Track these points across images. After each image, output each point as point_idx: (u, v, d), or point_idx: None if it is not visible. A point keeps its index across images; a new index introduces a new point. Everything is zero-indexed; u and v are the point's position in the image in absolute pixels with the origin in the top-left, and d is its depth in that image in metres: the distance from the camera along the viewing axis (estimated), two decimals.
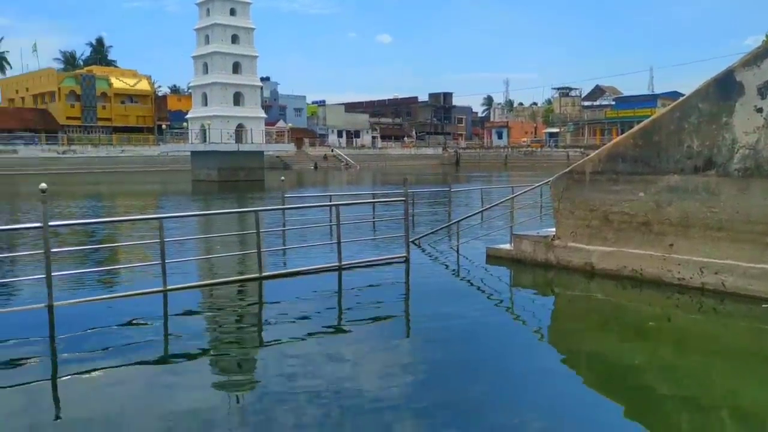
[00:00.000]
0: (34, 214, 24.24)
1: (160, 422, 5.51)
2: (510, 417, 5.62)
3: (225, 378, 6.78)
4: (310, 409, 5.66)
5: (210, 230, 17.99)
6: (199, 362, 7.19)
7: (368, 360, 7.20)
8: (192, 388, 6.41)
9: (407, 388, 6.23)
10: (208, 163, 49.76)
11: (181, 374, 6.82)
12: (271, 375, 6.72)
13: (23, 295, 9.84)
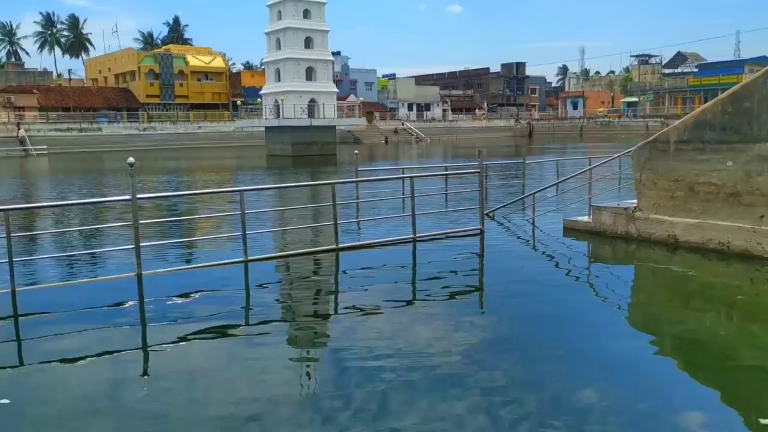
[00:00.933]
0: (118, 189, 25.34)
1: (240, 390, 5.63)
2: (590, 397, 5.48)
3: (301, 348, 6.92)
4: (382, 381, 5.68)
5: (285, 203, 18.35)
6: (276, 332, 7.36)
7: (442, 333, 7.14)
8: (270, 357, 6.55)
9: (481, 364, 6.13)
10: (282, 138, 50.56)
11: (259, 344, 6.98)
12: (345, 346, 6.77)
13: (114, 264, 10.30)
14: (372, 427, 4.81)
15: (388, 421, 4.92)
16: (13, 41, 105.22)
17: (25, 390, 5.62)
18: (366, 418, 4.97)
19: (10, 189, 28.10)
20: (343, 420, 4.91)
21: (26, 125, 64.26)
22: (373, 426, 4.82)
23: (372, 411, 5.10)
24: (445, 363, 6.13)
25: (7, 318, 7.70)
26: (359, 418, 4.96)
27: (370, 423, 4.88)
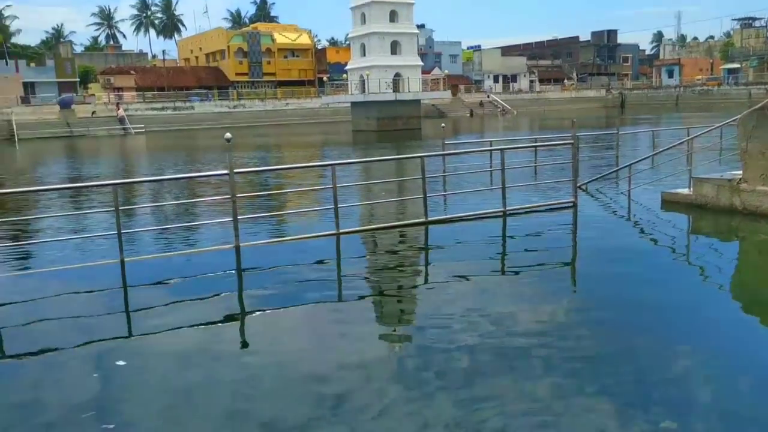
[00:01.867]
0: (209, 165, 26.27)
1: (327, 362, 5.69)
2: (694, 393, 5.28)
3: (389, 321, 6.95)
4: (468, 354, 5.65)
5: (371, 178, 18.49)
6: (366, 304, 7.46)
7: (530, 310, 6.99)
8: (358, 330, 6.62)
9: (570, 343, 5.93)
10: (368, 113, 50.80)
11: (349, 316, 7.10)
12: (432, 320, 6.75)
13: (213, 236, 10.71)
14: (456, 400, 4.80)
15: (472, 393, 4.89)
16: (111, 24, 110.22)
17: (135, 353, 5.96)
18: (450, 390, 4.96)
19: (114, 165, 29.65)
20: (428, 392, 4.93)
21: (125, 105, 67.39)
22: (457, 399, 4.81)
23: (456, 384, 5.09)
24: (533, 340, 5.99)
25: (118, 288, 8.16)
26: (443, 391, 4.96)
27: (455, 396, 4.86)
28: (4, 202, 16.18)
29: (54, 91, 70.79)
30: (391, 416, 4.59)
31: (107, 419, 4.57)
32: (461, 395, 4.86)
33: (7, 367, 5.82)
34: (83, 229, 12.33)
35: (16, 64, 72.97)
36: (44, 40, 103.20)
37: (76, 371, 5.60)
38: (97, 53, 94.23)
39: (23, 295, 7.84)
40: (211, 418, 4.68)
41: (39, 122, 60.44)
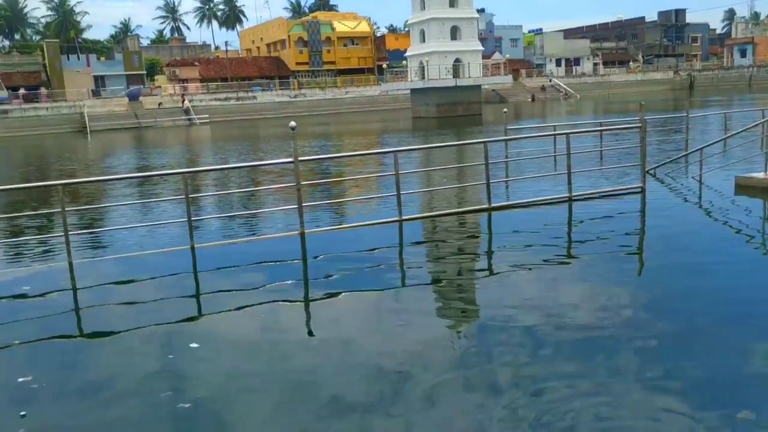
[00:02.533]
0: (271, 154, 26.68)
1: (388, 348, 5.71)
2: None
3: (450, 307, 6.92)
4: (531, 343, 5.57)
5: (432, 164, 18.44)
6: (428, 290, 7.45)
7: (594, 299, 6.80)
8: (420, 316, 6.61)
9: (635, 334, 5.72)
10: (427, 100, 50.60)
11: (412, 301, 7.11)
12: (494, 306, 6.69)
13: (278, 223, 10.92)
14: (517, 386, 4.76)
15: (534, 382, 4.83)
16: (175, 17, 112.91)
17: (207, 336, 6.14)
18: (511, 378, 4.91)
19: (181, 155, 30.49)
20: (489, 380, 4.89)
21: (190, 96, 69.08)
22: (518, 385, 4.77)
23: (518, 371, 5.04)
24: (598, 330, 5.84)
25: (188, 273, 8.42)
26: (504, 378, 4.92)
27: (515, 384, 4.82)
28: (79, 192, 16.87)
29: (122, 83, 73.19)
30: (450, 403, 4.59)
31: (183, 398, 4.74)
32: (522, 383, 4.81)
33: (88, 348, 6.09)
34: (154, 216, 12.75)
35: (87, 58, 75.74)
36: (113, 34, 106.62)
37: (152, 353, 5.83)
38: (162, 46, 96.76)
39: (100, 280, 8.16)
40: (278, 398, 4.80)
41: (109, 114, 62.65)
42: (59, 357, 5.85)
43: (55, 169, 27.19)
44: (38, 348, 6.06)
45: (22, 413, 4.59)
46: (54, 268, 8.88)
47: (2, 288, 7.81)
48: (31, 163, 32.07)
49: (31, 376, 5.22)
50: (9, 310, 7.10)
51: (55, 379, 5.30)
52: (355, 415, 4.46)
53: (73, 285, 8.03)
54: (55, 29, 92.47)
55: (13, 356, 5.81)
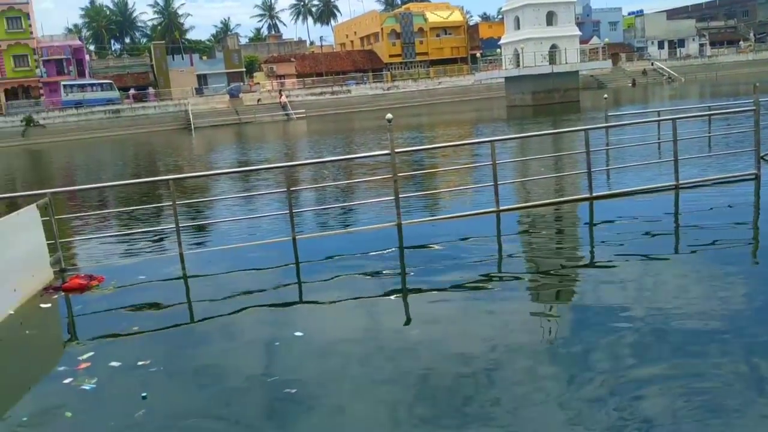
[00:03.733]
0: (365, 146, 26.98)
1: (479, 341, 5.62)
2: None
3: (544, 301, 6.75)
4: (632, 339, 5.34)
5: (527, 154, 18.10)
6: (528, 281, 7.32)
7: (701, 293, 6.42)
8: (513, 308, 6.47)
9: (752, 327, 5.41)
10: (522, 88, 49.67)
11: (511, 293, 7.01)
12: (592, 300, 6.47)
13: (375, 215, 11.06)
14: (613, 383, 4.59)
15: (635, 381, 4.62)
16: (272, 15, 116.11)
17: (310, 325, 6.32)
18: (610, 375, 4.73)
19: (279, 150, 31.40)
20: (586, 377, 4.74)
21: (286, 92, 70.93)
22: (617, 384, 4.58)
23: (617, 369, 4.84)
24: (705, 326, 5.54)
25: (290, 263, 8.68)
26: (602, 375, 4.74)
27: (614, 381, 4.63)
28: (186, 185, 17.71)
29: (223, 81, 76.08)
30: (546, 402, 4.49)
31: (289, 385, 4.90)
32: (622, 381, 4.62)
33: (199, 334, 6.40)
34: (256, 209, 13.21)
35: (191, 58, 79.27)
36: (213, 34, 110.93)
37: (259, 340, 6.06)
38: (260, 43, 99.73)
39: (208, 269, 8.56)
40: (375, 389, 4.89)
41: (211, 111, 65.33)
42: (173, 342, 6.18)
43: (163, 165, 28.67)
44: (154, 334, 6.43)
45: (144, 394, 4.90)
46: (166, 258, 9.38)
47: (120, 277, 8.32)
48: (141, 159, 33.97)
49: (149, 359, 5.55)
50: (128, 298, 7.56)
51: (170, 363, 5.60)
52: (449, 410, 4.46)
53: (184, 274, 8.45)
54: (161, 31, 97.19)
55: (133, 341, 6.19)
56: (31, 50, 71.33)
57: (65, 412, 4.75)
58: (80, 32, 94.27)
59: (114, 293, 7.73)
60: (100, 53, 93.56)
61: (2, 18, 70.21)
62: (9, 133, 59.61)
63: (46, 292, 7.84)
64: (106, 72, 77.42)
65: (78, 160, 37.48)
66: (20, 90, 71.17)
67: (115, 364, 5.52)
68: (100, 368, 5.47)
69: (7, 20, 70.48)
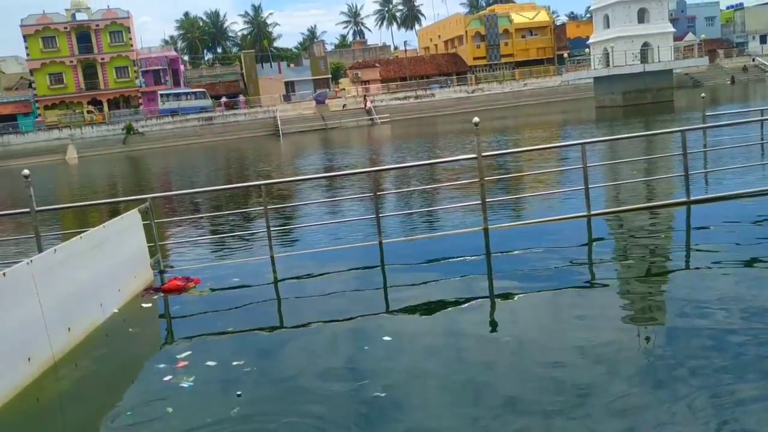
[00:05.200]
0: (448, 150, 26.88)
1: (566, 347, 5.52)
2: None
3: (635, 307, 6.50)
4: (725, 350, 5.07)
5: (618, 156, 17.54)
6: (612, 289, 7.08)
7: None
8: (601, 315, 6.28)
9: None
10: (612, 88, 48.18)
11: (594, 300, 6.81)
12: (688, 309, 6.14)
13: (460, 219, 11.01)
14: (707, 398, 4.37)
15: (728, 390, 4.41)
16: (357, 21, 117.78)
17: (397, 329, 6.35)
18: (700, 389, 4.51)
19: (365, 154, 31.77)
20: (676, 389, 4.53)
21: (371, 97, 71.67)
22: (708, 398, 4.37)
23: (707, 382, 4.61)
24: None
25: (376, 267, 8.76)
26: (692, 388, 4.52)
27: (705, 394, 4.42)
28: (275, 190, 18.20)
29: (310, 88, 77.74)
30: (633, 412, 4.33)
31: (378, 388, 4.95)
32: (720, 396, 4.40)
33: (290, 336, 6.56)
34: (342, 213, 13.42)
35: (279, 66, 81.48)
36: (300, 42, 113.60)
37: (348, 343, 6.15)
38: (345, 50, 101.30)
39: (297, 272, 8.76)
40: (463, 393, 4.87)
41: (298, 117, 66.84)
42: (265, 343, 6.36)
43: (253, 170, 29.57)
44: (247, 334, 6.64)
45: (238, 393, 5.07)
46: (257, 261, 9.66)
47: (215, 279, 8.64)
48: (232, 164, 35.16)
49: (243, 360, 5.73)
50: (222, 300, 7.85)
51: (263, 364, 5.77)
52: (532, 418, 4.38)
53: (275, 277, 8.69)
54: (251, 41, 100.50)
55: (228, 341, 6.42)
56: (131, 62, 75.26)
57: (167, 408, 4.98)
58: (176, 43, 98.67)
59: (209, 295, 8.04)
60: (194, 63, 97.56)
61: (106, 32, 74.44)
62: (111, 141, 63.13)
63: (146, 293, 8.24)
64: (200, 81, 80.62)
65: (173, 166, 39.23)
66: (121, 100, 75.21)
67: (211, 364, 5.74)
68: (197, 367, 5.70)
69: (110, 34, 74.67)
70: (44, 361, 5.84)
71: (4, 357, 5.29)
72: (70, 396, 5.67)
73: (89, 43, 74.09)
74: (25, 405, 5.29)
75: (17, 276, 5.69)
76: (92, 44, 74.12)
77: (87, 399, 5.59)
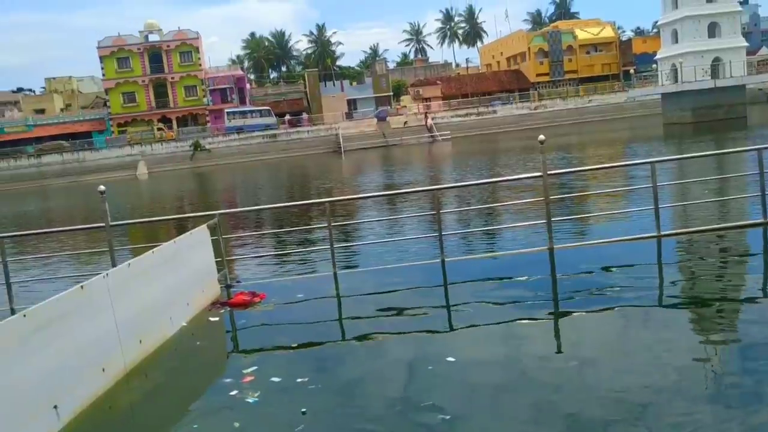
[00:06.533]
0: (509, 168, 26.60)
1: (635, 372, 5.37)
2: None
3: (706, 333, 6.28)
4: None
5: (686, 176, 17.00)
6: (687, 311, 6.86)
7: None
8: (672, 340, 6.07)
9: None
10: (681, 104, 46.84)
11: (665, 324, 6.57)
12: (760, 335, 5.91)
13: (524, 238, 10.86)
14: None
15: None
16: (419, 39, 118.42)
17: (461, 349, 6.28)
18: None
19: (426, 171, 31.78)
20: (747, 418, 4.32)
21: (432, 114, 71.76)
22: None
23: None
24: None
25: (439, 285, 8.71)
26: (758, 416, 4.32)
27: None
28: (338, 207, 18.38)
29: (371, 105, 78.50)
30: None
31: (443, 410, 4.91)
32: None
33: (353, 353, 6.57)
34: (403, 230, 13.44)
35: (341, 84, 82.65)
36: (362, 60, 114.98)
37: (412, 362, 6.11)
38: (407, 67, 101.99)
39: (359, 290, 8.80)
40: (527, 417, 4.79)
41: (360, 134, 67.46)
42: (330, 360, 6.39)
43: (315, 187, 29.99)
44: (312, 350, 6.70)
45: (303, 410, 5.11)
46: (320, 277, 9.76)
47: (280, 294, 8.77)
48: (295, 181, 35.75)
49: (307, 377, 5.78)
50: (287, 315, 7.96)
51: (327, 381, 5.79)
52: None
53: (338, 293, 8.75)
54: (315, 59, 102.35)
55: (292, 357, 6.50)
56: (200, 81, 77.74)
57: (233, 422, 5.06)
58: (242, 63, 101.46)
59: (274, 310, 8.16)
60: (259, 82, 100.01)
61: (176, 53, 77.22)
62: (180, 157, 65.16)
63: (213, 307, 8.43)
64: (264, 99, 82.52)
65: (238, 182, 40.16)
66: (189, 117, 77.68)
67: (276, 379, 5.81)
68: (262, 382, 5.78)
69: (180, 55, 77.41)
70: (117, 372, 6.04)
71: (81, 367, 5.50)
72: (141, 406, 5.83)
73: (160, 63, 77.01)
74: (99, 413, 5.47)
75: (94, 289, 5.92)
76: (163, 64, 77.00)
77: (156, 410, 5.74)
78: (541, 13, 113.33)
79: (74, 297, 5.63)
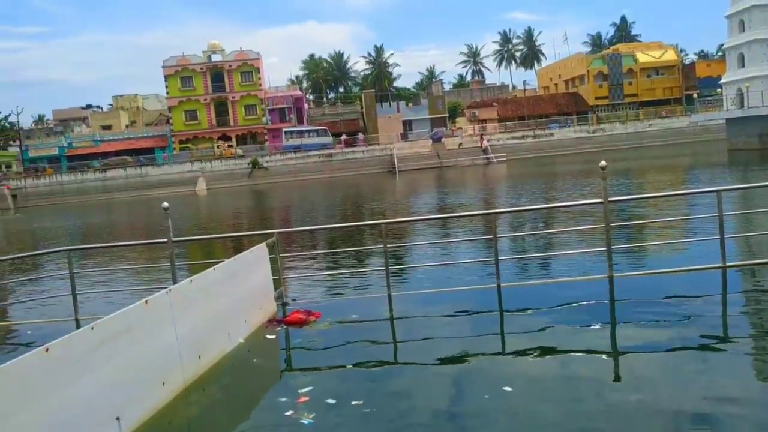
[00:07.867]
0: (567, 192, 26.19)
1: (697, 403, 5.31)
2: None
3: (753, 366, 6.10)
4: None
5: (753, 204, 16.41)
6: (748, 349, 6.60)
7: None
8: (718, 371, 5.96)
9: None
10: (746, 130, 45.42)
11: (727, 358, 6.36)
12: None
13: (581, 265, 10.66)
14: None
15: None
16: (476, 61, 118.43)
17: (516, 380, 6.19)
18: None
19: (479, 194, 31.59)
20: None
21: (488, 136, 71.47)
22: None
23: None
24: None
25: (494, 311, 8.62)
26: None
27: None
28: (389, 230, 18.43)
29: (426, 126, 78.71)
30: None
31: None
32: None
33: (407, 379, 6.53)
34: (456, 254, 13.36)
35: (398, 105, 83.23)
36: (418, 81, 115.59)
37: (467, 390, 6.06)
38: (463, 89, 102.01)
39: (414, 312, 8.80)
40: None
41: (414, 155, 67.64)
42: (384, 384, 6.38)
43: (368, 207, 30.14)
44: (366, 372, 6.71)
45: None
46: (375, 298, 9.79)
47: (334, 314, 8.83)
48: (349, 200, 36.02)
49: (362, 399, 5.79)
50: (342, 335, 7.99)
51: (381, 405, 5.77)
52: None
53: (391, 315, 8.76)
54: (372, 80, 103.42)
55: (347, 378, 6.53)
56: (259, 100, 79.53)
57: None
58: (301, 83, 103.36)
59: (329, 329, 8.22)
60: (317, 102, 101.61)
61: (237, 73, 79.26)
62: (239, 174, 66.61)
63: (270, 324, 8.55)
64: (322, 119, 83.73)
65: (295, 200, 40.74)
66: (248, 136, 79.42)
67: (331, 402, 5.82)
68: (317, 403, 5.80)
69: (242, 74, 79.43)
70: (176, 386, 6.17)
71: (143, 380, 5.65)
72: (199, 420, 5.94)
73: (222, 83, 79.14)
74: (159, 427, 5.59)
75: (158, 304, 6.08)
76: (224, 83, 79.10)
77: (214, 426, 5.84)
78: (602, 35, 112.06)
79: (139, 311, 5.80)
